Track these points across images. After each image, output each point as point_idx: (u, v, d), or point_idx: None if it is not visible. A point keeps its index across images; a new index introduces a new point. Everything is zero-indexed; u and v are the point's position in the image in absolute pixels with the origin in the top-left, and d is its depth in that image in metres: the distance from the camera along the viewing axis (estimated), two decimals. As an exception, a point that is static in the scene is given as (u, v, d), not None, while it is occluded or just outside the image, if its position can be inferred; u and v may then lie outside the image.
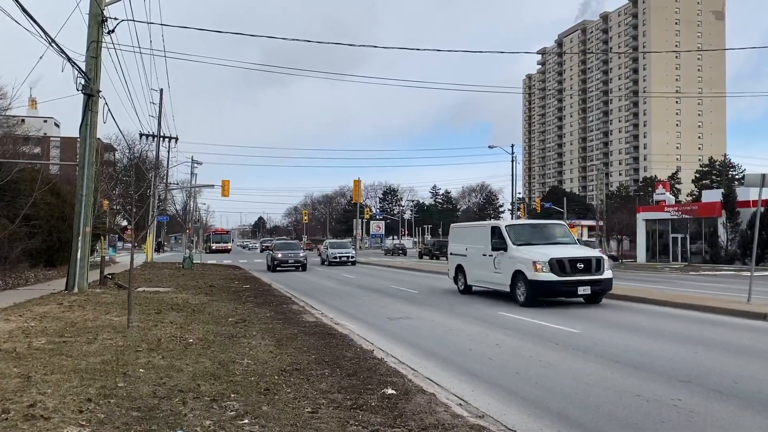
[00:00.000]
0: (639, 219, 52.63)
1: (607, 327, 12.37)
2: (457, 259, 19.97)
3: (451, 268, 20.74)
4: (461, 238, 20.29)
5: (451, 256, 20.85)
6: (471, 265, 18.99)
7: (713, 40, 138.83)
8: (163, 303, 14.35)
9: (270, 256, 36.52)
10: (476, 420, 5.80)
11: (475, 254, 18.64)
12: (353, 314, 14.67)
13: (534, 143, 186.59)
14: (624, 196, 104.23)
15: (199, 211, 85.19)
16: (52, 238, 23.26)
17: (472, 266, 18.94)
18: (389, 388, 6.79)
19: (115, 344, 8.78)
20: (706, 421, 6.07)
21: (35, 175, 21.94)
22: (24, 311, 12.09)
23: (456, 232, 21.36)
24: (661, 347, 10.03)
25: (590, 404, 6.67)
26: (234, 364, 7.75)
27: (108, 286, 18.72)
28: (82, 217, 16.96)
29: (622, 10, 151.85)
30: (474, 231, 19.69)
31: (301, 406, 5.94)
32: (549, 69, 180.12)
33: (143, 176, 47.26)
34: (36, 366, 7.25)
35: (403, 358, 8.98)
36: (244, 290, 19.59)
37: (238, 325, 11.18)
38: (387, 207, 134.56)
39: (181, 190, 69.82)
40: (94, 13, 17.08)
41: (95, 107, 17.22)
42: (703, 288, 22.61)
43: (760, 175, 15.89)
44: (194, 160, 57.22)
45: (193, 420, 5.38)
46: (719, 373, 8.09)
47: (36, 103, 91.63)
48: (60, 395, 5.99)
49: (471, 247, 19.10)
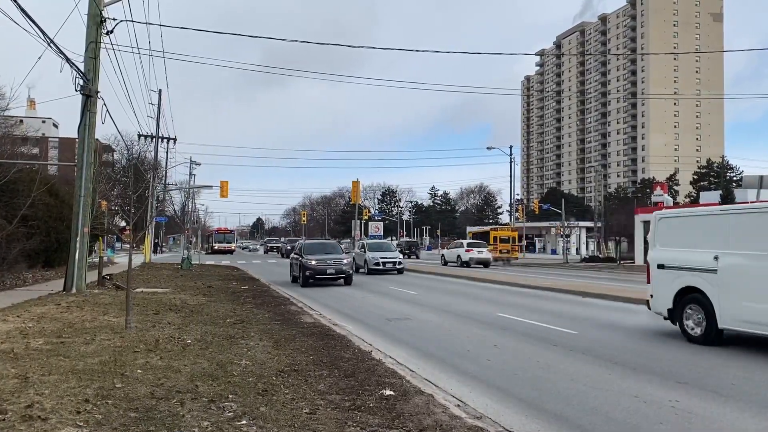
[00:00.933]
0: (637, 220, 52.55)
1: (605, 328, 12.38)
2: (682, 277, 10.88)
3: (661, 291, 11.36)
4: (689, 237, 11.05)
5: (659, 273, 11.50)
6: (737, 288, 9.84)
7: (711, 41, 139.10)
8: (161, 304, 14.34)
9: (298, 264, 24.73)
10: (474, 421, 5.80)
11: (747, 267, 9.75)
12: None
13: (532, 144, 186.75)
14: (622, 197, 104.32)
15: (197, 212, 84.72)
16: (50, 238, 23.21)
17: (740, 290, 9.79)
18: (387, 388, 6.79)
19: (113, 345, 8.77)
20: (704, 422, 6.07)
21: (33, 175, 21.90)
22: (22, 312, 12.07)
23: (673, 226, 11.55)
24: (659, 348, 10.04)
25: (588, 405, 6.67)
26: (232, 364, 7.74)
27: (106, 287, 18.70)
28: (81, 218, 16.96)
29: (620, 11, 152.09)
30: (743, 221, 10.04)
31: (299, 407, 5.94)
32: (548, 70, 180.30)
33: (142, 177, 47.23)
34: (34, 367, 7.24)
35: (400, 359, 8.98)
36: (242, 291, 19.58)
37: (236, 326, 11.18)
38: (386, 208, 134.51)
39: (179, 191, 69.78)
40: (93, 14, 17.08)
41: (94, 108, 17.21)
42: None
43: (757, 177, 15.94)
44: (193, 161, 57.27)
45: (191, 421, 5.37)
46: (717, 375, 8.10)
47: (34, 104, 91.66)
48: (58, 396, 5.98)
49: (734, 255, 10.00)
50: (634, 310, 15.42)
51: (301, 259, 24.32)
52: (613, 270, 41.24)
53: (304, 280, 23.72)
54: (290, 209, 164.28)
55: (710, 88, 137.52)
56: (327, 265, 23.78)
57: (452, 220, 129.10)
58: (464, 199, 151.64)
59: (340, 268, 23.81)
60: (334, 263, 23.90)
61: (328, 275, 23.72)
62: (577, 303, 17.17)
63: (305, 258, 24.13)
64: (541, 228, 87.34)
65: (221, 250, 71.50)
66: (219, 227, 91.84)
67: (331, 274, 23.75)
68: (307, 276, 23.71)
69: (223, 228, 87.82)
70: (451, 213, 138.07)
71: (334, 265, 23.84)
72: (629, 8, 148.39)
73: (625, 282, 26.45)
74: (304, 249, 25.41)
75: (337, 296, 19.61)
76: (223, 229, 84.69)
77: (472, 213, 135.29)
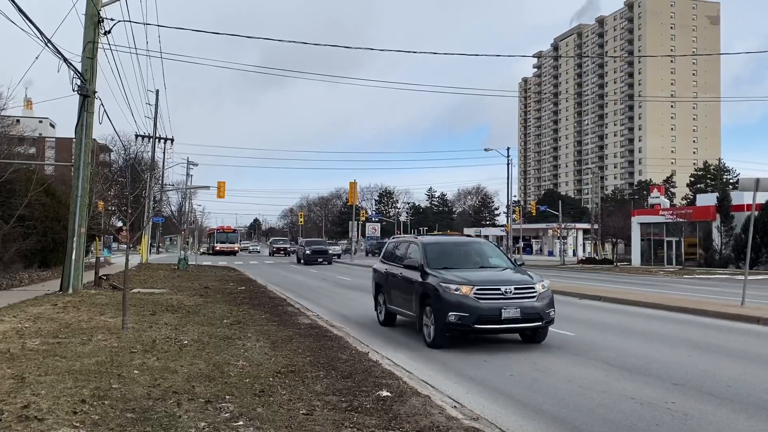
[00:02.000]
0: (634, 222, 52.78)
1: (601, 330, 12.40)
2: None
3: None
4: None
5: None
6: None
7: (708, 44, 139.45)
8: (157, 304, 14.32)
9: (421, 290, 11.17)
10: (471, 422, 5.80)
11: None
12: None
13: (530, 146, 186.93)
14: (619, 199, 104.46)
15: (194, 213, 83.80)
16: (46, 238, 23.19)
17: None
18: (384, 390, 6.79)
19: (109, 345, 8.76)
20: (699, 424, 6.09)
21: (30, 175, 21.88)
22: (18, 312, 12.04)
23: None
24: (655, 350, 10.06)
25: (584, 407, 6.69)
26: (229, 365, 7.74)
27: (103, 287, 18.66)
28: (77, 218, 16.92)
29: (617, 14, 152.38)
30: None
31: (295, 408, 5.94)
32: (545, 72, 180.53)
33: (139, 177, 47.17)
34: (30, 367, 7.22)
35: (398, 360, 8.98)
36: (239, 292, 19.55)
37: (233, 327, 11.16)
38: (383, 209, 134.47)
39: (176, 191, 69.62)
40: (91, 14, 17.06)
41: (91, 108, 17.18)
42: (697, 291, 22.68)
43: (754, 180, 15.96)
44: (190, 161, 57.23)
45: (188, 422, 5.37)
46: (713, 377, 8.12)
47: (31, 104, 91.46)
48: (54, 396, 5.97)
49: None
50: (629, 312, 15.44)
51: (427, 278, 11.17)
52: (610, 272, 41.30)
53: (454, 330, 10.45)
54: (287, 210, 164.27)
55: (707, 90, 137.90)
56: (501, 299, 10.40)
57: (449, 221, 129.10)
58: (461, 200, 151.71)
59: (528, 306, 10.41)
60: (515, 294, 10.48)
61: (506, 324, 10.41)
62: (572, 304, 17.19)
63: (439, 277, 10.96)
64: (538, 230, 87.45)
65: (223, 251, 65.51)
66: (221, 226, 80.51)
67: (514, 320, 10.34)
68: (463, 323, 10.25)
69: (226, 226, 78.42)
70: (449, 214, 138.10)
71: (515, 298, 10.46)
72: (626, 11, 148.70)
73: (621, 285, 26.50)
74: (427, 254, 11.88)
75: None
76: (225, 227, 75.91)
77: (469, 214, 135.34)
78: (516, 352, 9.97)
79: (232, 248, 66.72)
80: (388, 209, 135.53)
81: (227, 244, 67.03)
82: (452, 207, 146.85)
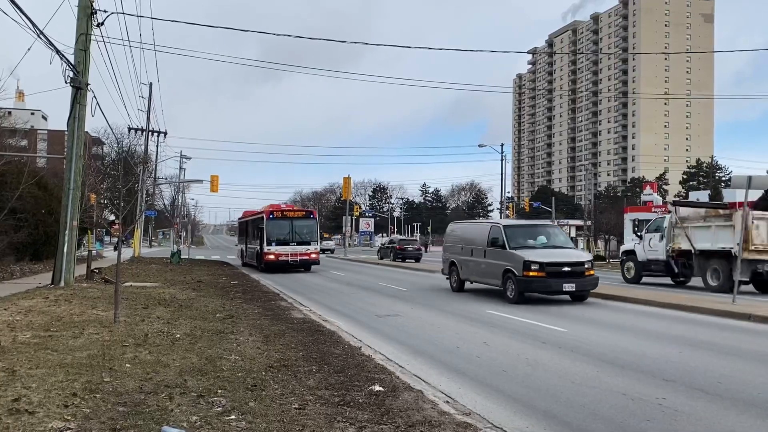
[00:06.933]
0: (626, 219, 52.75)
1: (594, 326, 12.44)
2: None
3: None
4: None
5: None
6: None
7: (702, 42, 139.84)
8: (150, 298, 14.27)
9: None
10: (463, 417, 5.82)
11: None
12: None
13: (524, 143, 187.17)
14: (612, 196, 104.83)
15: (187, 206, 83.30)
16: (38, 231, 23.09)
17: None
18: (377, 384, 6.80)
19: (101, 339, 8.73)
20: (690, 420, 6.12)
21: (22, 168, 21.77)
22: (9, 305, 11.98)
23: None
24: (646, 347, 10.10)
25: (576, 403, 6.71)
26: (221, 359, 7.73)
27: (95, 281, 18.58)
28: (69, 211, 16.83)
29: (612, 11, 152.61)
30: None
31: (288, 402, 5.94)
32: (539, 69, 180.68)
33: (131, 170, 46.94)
34: (21, 360, 7.19)
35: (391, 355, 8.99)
36: (232, 286, 19.52)
37: (225, 321, 11.14)
38: (377, 204, 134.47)
39: (169, 185, 69.33)
40: (84, 6, 16.94)
41: (84, 100, 17.08)
42: (688, 288, 22.78)
43: (746, 177, 16.01)
44: (183, 155, 56.99)
45: (180, 415, 5.36)
46: (704, 373, 8.16)
47: (23, 96, 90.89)
48: (45, 390, 5.95)
49: None
50: (621, 308, 15.47)
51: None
52: (602, 268, 41.40)
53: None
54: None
55: (700, 88, 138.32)
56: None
57: (443, 217, 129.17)
58: (455, 196, 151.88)
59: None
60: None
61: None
62: (564, 301, 17.23)
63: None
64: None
65: (283, 262, 29.27)
66: (276, 205, 35.76)
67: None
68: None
69: (288, 206, 38.75)
70: (442, 210, 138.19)
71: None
72: (621, 8, 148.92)
73: (613, 282, 26.58)
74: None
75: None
76: (287, 208, 34.60)
77: (462, 210, 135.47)
78: (509, 347, 9.99)
79: (306, 255, 30.09)
80: (381, 204, 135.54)
81: (293, 247, 29.87)
82: (446, 203, 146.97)
